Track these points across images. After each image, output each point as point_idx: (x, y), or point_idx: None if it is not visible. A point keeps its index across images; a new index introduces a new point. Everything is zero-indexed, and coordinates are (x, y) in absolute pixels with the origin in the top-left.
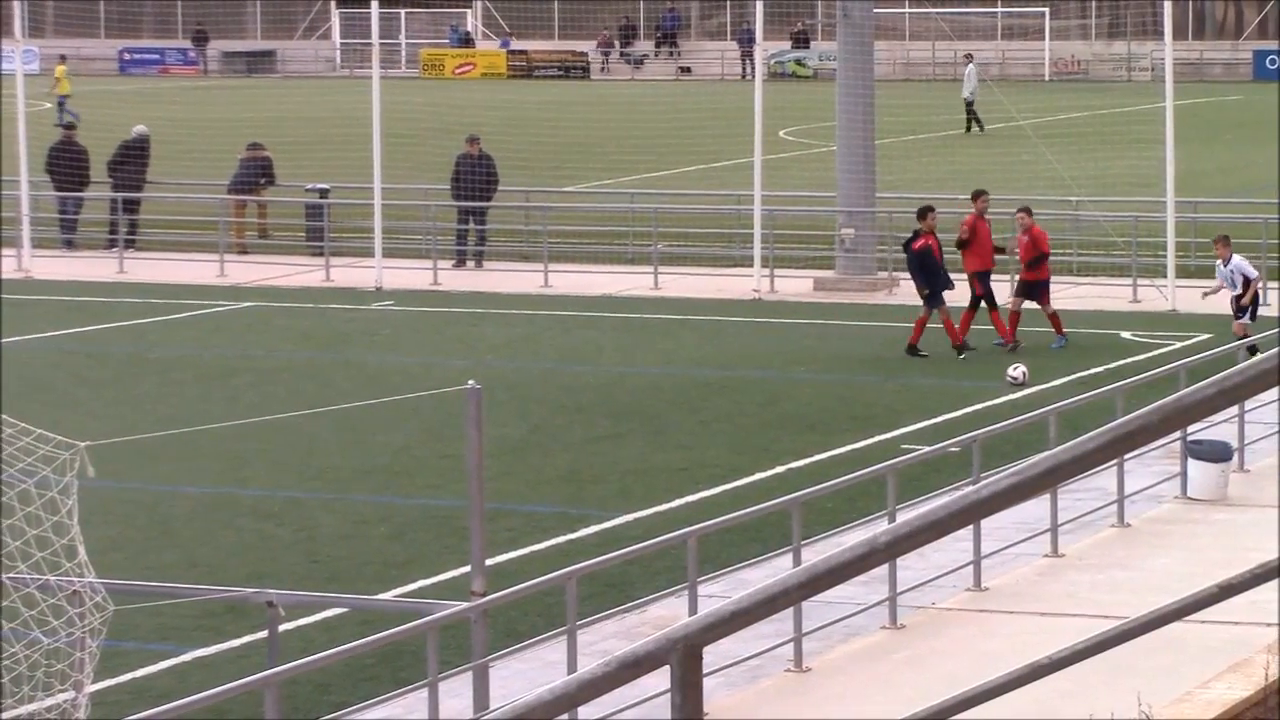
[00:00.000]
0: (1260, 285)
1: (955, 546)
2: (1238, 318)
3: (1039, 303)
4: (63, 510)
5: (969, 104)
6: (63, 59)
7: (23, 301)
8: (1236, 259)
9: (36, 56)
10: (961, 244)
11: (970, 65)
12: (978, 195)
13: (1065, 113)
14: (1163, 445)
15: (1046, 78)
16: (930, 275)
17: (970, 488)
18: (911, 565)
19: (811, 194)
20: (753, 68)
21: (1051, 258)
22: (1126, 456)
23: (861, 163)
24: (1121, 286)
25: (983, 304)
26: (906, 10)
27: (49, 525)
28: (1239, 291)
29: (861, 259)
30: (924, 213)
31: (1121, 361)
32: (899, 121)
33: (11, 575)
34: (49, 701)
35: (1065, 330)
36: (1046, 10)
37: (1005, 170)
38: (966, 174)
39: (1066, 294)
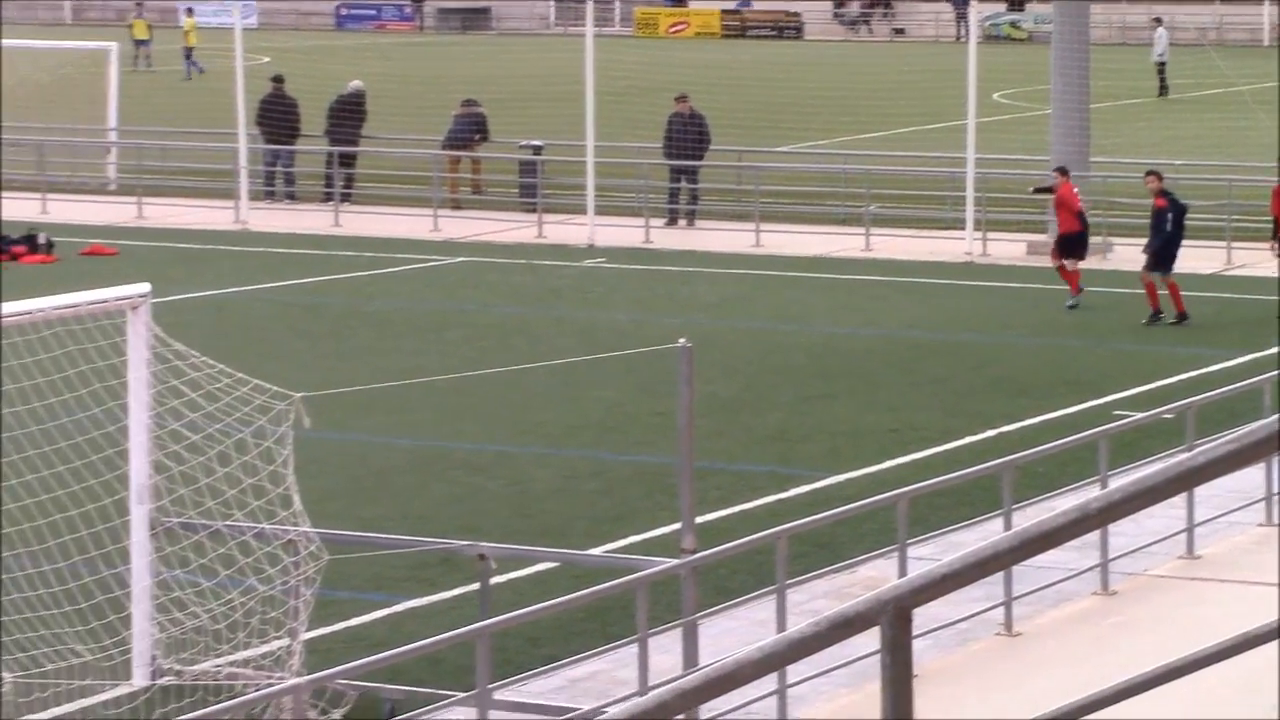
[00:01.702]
0: None
1: (1168, 513)
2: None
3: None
4: (278, 460)
5: (1160, 66)
6: (190, 11)
7: (240, 253)
8: None
9: (255, 11)
10: None
11: (1160, 29)
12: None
13: None
14: None
15: (1266, 43)
16: (1153, 236)
17: (1184, 454)
18: (1124, 531)
19: (1025, 157)
20: (967, 30)
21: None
22: None
23: (1076, 126)
24: None
25: None
26: None
27: (265, 474)
28: None
29: None
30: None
31: None
32: (1114, 86)
33: (228, 523)
34: (264, 648)
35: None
36: None
37: (1221, 136)
38: (1182, 139)
39: None
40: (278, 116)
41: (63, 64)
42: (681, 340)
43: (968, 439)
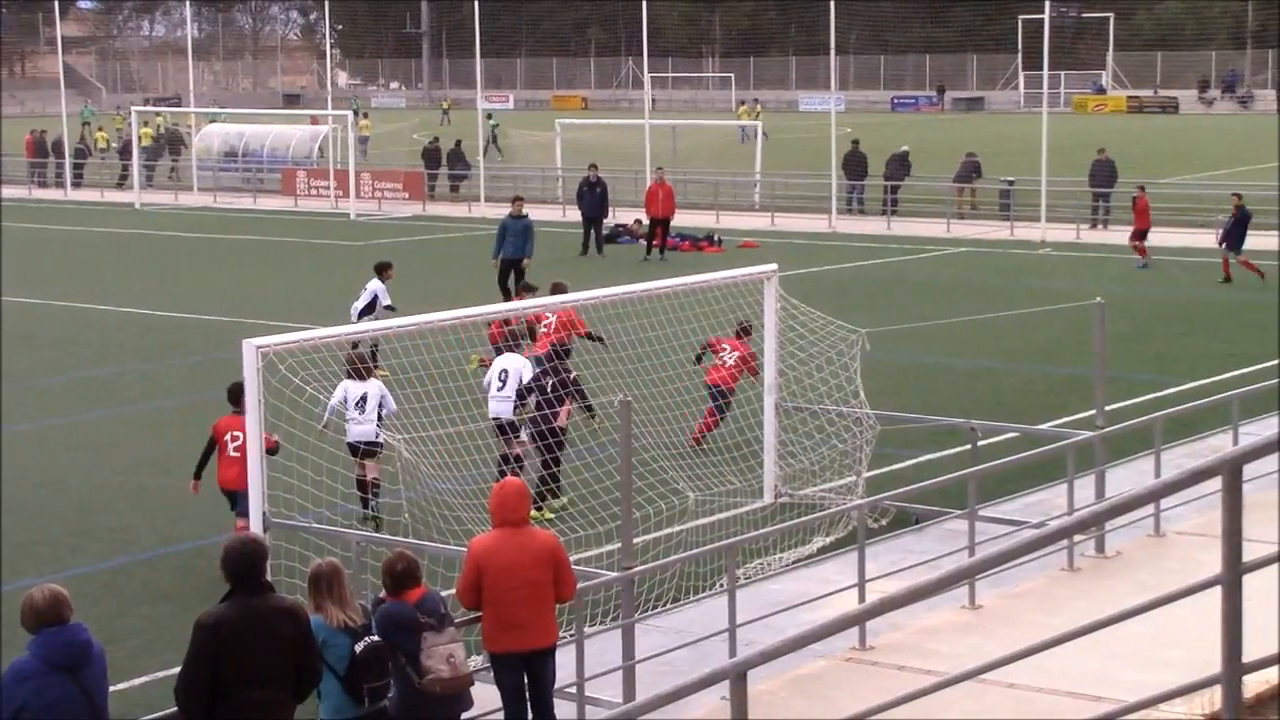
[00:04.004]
0: None
1: None
2: None
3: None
4: (850, 369)
5: None
6: (753, 101)
7: (829, 246)
8: None
9: (842, 100)
10: None
11: None
12: None
13: None
14: None
15: None
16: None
17: None
18: None
19: None
20: None
21: None
22: None
23: None
24: None
25: None
26: None
27: (842, 377)
28: None
29: None
30: None
31: None
32: None
33: (820, 406)
34: (840, 482)
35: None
36: None
37: None
38: None
39: None
40: (854, 164)
41: (724, 136)
42: (1097, 299)
43: (1277, 360)
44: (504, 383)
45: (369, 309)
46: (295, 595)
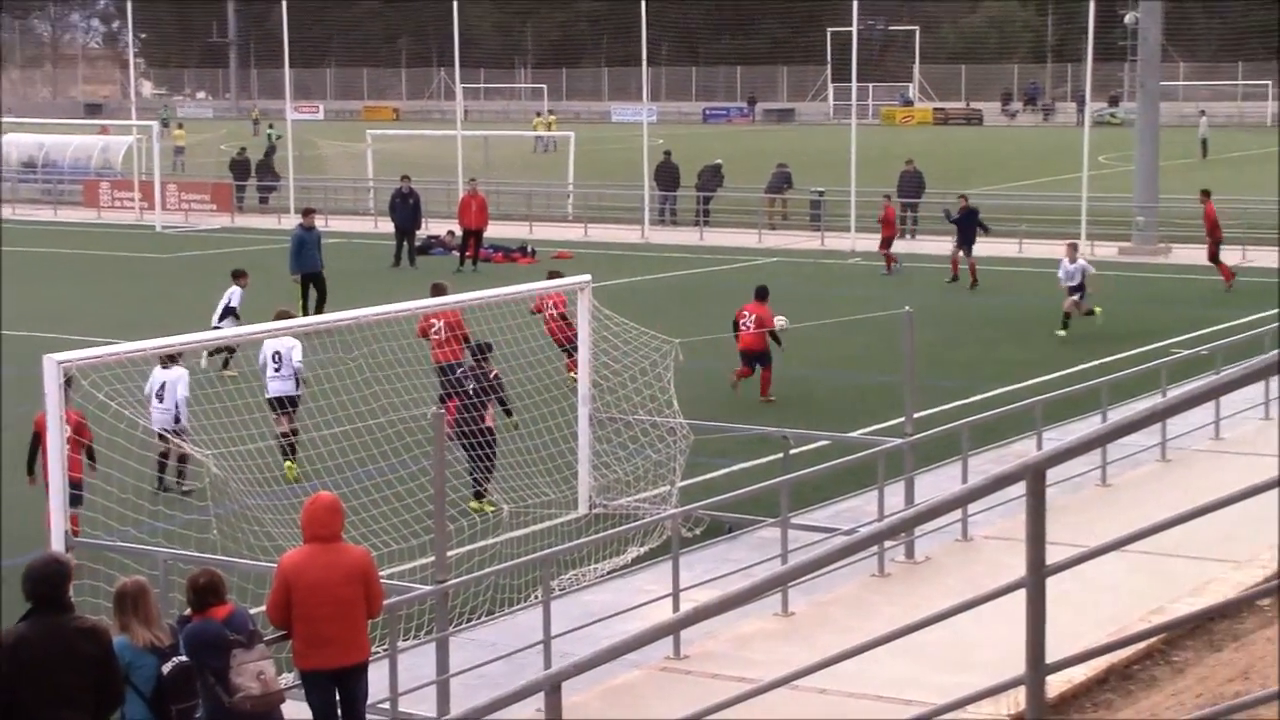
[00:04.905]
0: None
1: (1200, 414)
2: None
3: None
4: (664, 379)
5: (1204, 141)
6: (542, 112)
7: (644, 257)
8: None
9: (655, 112)
10: None
11: (1203, 116)
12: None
13: None
14: None
15: (1269, 124)
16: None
17: (1214, 376)
18: (1173, 424)
19: (1120, 195)
20: (1084, 118)
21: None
22: None
23: (1149, 177)
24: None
25: None
26: (1181, 84)
27: (656, 388)
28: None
29: (1149, 235)
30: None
31: None
32: (1171, 151)
33: (634, 416)
34: (654, 491)
35: None
36: (1270, 83)
37: (1233, 181)
38: (1212, 182)
39: None
40: (666, 175)
41: (535, 147)
42: (906, 308)
43: (1080, 366)
44: (279, 364)
45: (227, 313)
46: (100, 615)
